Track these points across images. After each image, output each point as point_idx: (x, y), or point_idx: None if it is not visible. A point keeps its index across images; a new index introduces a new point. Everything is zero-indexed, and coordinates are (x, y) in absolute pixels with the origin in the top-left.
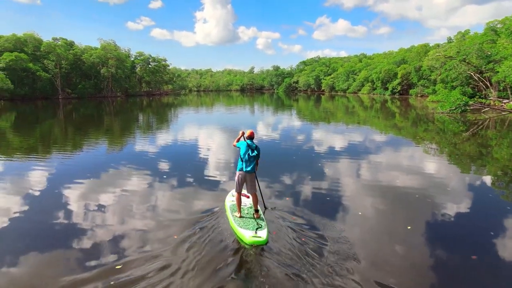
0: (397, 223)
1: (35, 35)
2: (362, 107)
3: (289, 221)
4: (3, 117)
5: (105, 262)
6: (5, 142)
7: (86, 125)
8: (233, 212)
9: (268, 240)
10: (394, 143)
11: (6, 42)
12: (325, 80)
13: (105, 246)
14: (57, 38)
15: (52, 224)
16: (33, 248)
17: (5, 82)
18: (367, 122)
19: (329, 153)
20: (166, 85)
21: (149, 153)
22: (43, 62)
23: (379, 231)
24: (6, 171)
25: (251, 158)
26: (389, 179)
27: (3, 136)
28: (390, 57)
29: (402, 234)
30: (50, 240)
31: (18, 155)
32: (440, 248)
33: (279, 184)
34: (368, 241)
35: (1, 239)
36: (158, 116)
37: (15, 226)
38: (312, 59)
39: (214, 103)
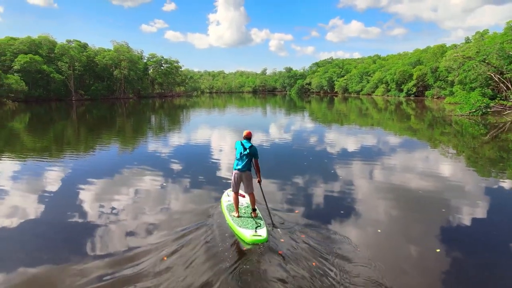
0: (423, 242)
1: (49, 37)
2: (376, 109)
3: (298, 240)
4: (17, 118)
5: (110, 253)
6: (20, 143)
7: (99, 126)
8: (231, 212)
9: (268, 238)
10: (409, 146)
11: (21, 45)
12: (338, 82)
13: (111, 239)
14: (71, 40)
15: (66, 221)
16: (49, 243)
17: (20, 84)
18: (381, 124)
19: (342, 157)
20: (179, 86)
21: (160, 154)
22: (57, 64)
23: (402, 255)
24: (21, 171)
25: (243, 157)
26: (405, 185)
27: (17, 137)
28: (405, 58)
29: (430, 258)
30: (64, 236)
31: (33, 156)
32: (467, 259)
33: (288, 191)
34: (386, 262)
35: (18, 236)
36: (170, 117)
37: (31, 224)
38: (325, 61)
39: (226, 105)
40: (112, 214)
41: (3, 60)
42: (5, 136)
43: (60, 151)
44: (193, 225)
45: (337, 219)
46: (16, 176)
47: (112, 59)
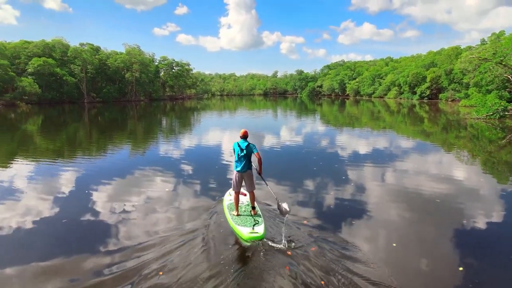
0: (444, 259)
1: (63, 40)
2: (389, 112)
3: (307, 253)
4: (31, 120)
5: (118, 248)
6: (34, 145)
7: (111, 128)
8: (231, 211)
9: (264, 235)
10: (423, 150)
11: (35, 48)
12: (349, 84)
13: (119, 235)
14: (84, 43)
15: (79, 222)
16: (61, 241)
17: (33, 87)
18: (394, 127)
19: (353, 162)
20: (189, 89)
21: (170, 156)
22: (70, 67)
23: (421, 273)
24: (35, 172)
25: (241, 158)
26: (422, 193)
27: (31, 139)
28: (419, 60)
29: (453, 278)
30: (77, 236)
31: (46, 158)
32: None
33: (297, 199)
34: (403, 282)
35: (34, 235)
36: (181, 120)
37: (45, 222)
38: (337, 63)
39: (237, 107)
40: (121, 213)
41: (18, 63)
42: (19, 138)
43: (73, 153)
44: (195, 223)
45: (349, 230)
46: (30, 177)
47: (124, 62)
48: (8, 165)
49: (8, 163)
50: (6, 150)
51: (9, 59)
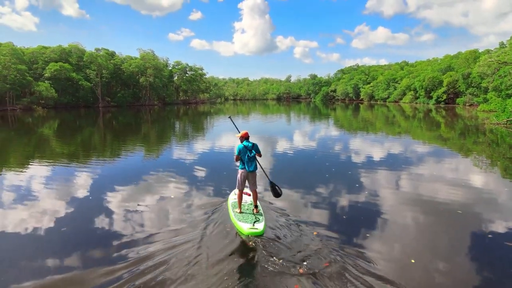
0: (463, 276)
1: (79, 46)
2: (404, 117)
3: (319, 269)
4: (47, 124)
5: (131, 243)
6: (49, 148)
7: (125, 132)
8: (234, 208)
9: (264, 232)
10: (440, 156)
11: (52, 53)
12: (364, 89)
13: (132, 232)
14: (99, 48)
15: (91, 225)
16: (76, 242)
17: (50, 91)
18: (410, 132)
19: (367, 169)
20: (203, 93)
21: (182, 159)
22: (85, 72)
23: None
24: (51, 176)
25: (251, 159)
26: (441, 204)
27: (47, 142)
28: (435, 64)
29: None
30: (88, 238)
31: (62, 161)
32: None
33: (309, 205)
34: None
35: (49, 234)
36: (195, 124)
37: (60, 224)
38: (351, 67)
39: (250, 112)
40: (133, 212)
41: (35, 68)
42: (36, 141)
43: (88, 156)
44: (200, 220)
45: (364, 244)
46: (46, 180)
47: (138, 66)
48: (26, 168)
49: (26, 165)
50: (24, 153)
51: (27, 64)
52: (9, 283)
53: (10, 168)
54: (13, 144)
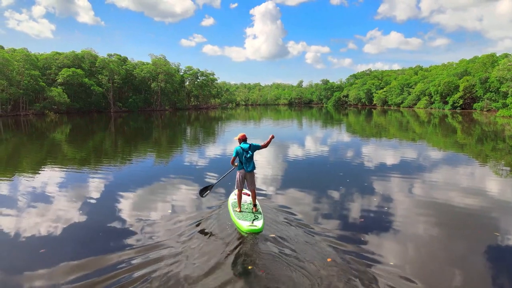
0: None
1: (91, 51)
2: (418, 122)
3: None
4: (59, 129)
5: (140, 242)
6: (61, 153)
7: (136, 137)
8: (234, 207)
9: (263, 229)
10: (457, 163)
11: (65, 59)
12: (377, 94)
13: (141, 231)
14: (111, 54)
15: (103, 227)
16: (88, 242)
17: (62, 96)
18: (424, 138)
19: (381, 175)
20: (214, 99)
21: (192, 164)
22: (98, 77)
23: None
24: (63, 180)
25: (248, 159)
26: (458, 207)
27: (59, 147)
28: (450, 69)
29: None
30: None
31: (74, 165)
32: None
33: (321, 215)
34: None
35: (62, 235)
36: (205, 129)
37: (73, 225)
38: (363, 72)
39: (262, 117)
40: (142, 212)
41: (48, 73)
42: (47, 146)
43: (98, 161)
44: (203, 219)
45: (371, 246)
46: (59, 184)
47: (150, 72)
48: (38, 172)
49: (38, 170)
50: (36, 158)
51: (41, 70)
52: (22, 283)
53: (23, 173)
54: (25, 148)
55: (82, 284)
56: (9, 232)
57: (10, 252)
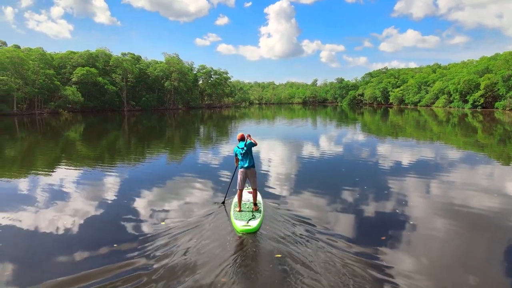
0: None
1: (106, 50)
2: (436, 122)
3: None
4: (73, 128)
5: (151, 236)
6: (75, 152)
7: (149, 136)
8: (235, 207)
9: (258, 229)
10: (477, 163)
11: (79, 58)
12: (393, 93)
13: (151, 228)
14: (125, 53)
15: (113, 222)
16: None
17: (76, 95)
18: (442, 138)
19: (397, 176)
20: (227, 97)
21: (203, 162)
22: (111, 76)
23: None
24: (79, 178)
25: (244, 155)
26: (478, 208)
27: (73, 145)
28: (471, 67)
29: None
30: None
31: (89, 164)
32: None
33: (333, 217)
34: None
35: (77, 230)
36: (219, 128)
37: (91, 221)
38: (379, 71)
39: (276, 116)
40: (153, 208)
41: (63, 72)
42: (62, 144)
43: (113, 160)
44: (204, 217)
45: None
46: (70, 182)
47: (163, 70)
48: (54, 170)
49: (53, 168)
50: (51, 156)
51: (56, 69)
52: (43, 275)
53: (39, 171)
54: (40, 147)
55: (95, 270)
56: (29, 227)
57: (30, 245)
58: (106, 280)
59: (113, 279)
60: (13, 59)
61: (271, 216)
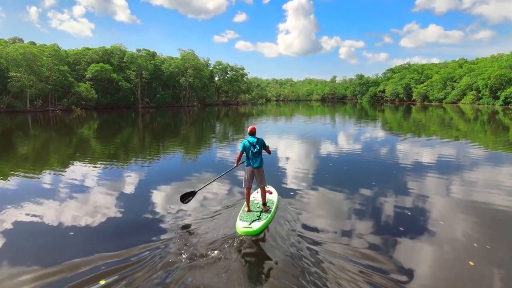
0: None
1: (121, 47)
2: (463, 120)
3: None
4: (86, 125)
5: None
6: (91, 149)
7: (164, 134)
8: (244, 207)
9: (260, 231)
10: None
11: (94, 54)
12: (416, 89)
13: (162, 225)
14: (140, 49)
15: (124, 219)
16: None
17: (90, 92)
18: (469, 137)
19: (416, 172)
20: (244, 94)
21: (219, 160)
22: (126, 72)
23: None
24: (94, 175)
25: (255, 154)
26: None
27: (87, 143)
28: (502, 61)
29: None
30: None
31: (103, 161)
32: None
33: (345, 220)
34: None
35: (100, 228)
36: (235, 126)
37: (111, 218)
38: (402, 66)
39: (293, 113)
40: (162, 206)
41: (78, 69)
42: (75, 142)
43: (127, 157)
44: (208, 218)
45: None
46: (87, 179)
47: (178, 67)
48: (67, 168)
49: (67, 166)
50: (65, 154)
51: (71, 66)
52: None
53: (52, 169)
54: (53, 144)
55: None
56: (46, 223)
57: (44, 241)
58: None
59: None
60: (26, 55)
61: (283, 217)
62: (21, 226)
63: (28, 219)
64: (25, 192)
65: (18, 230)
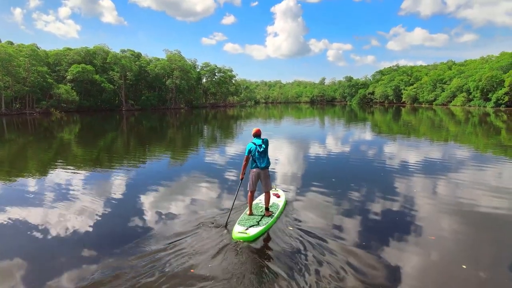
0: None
1: (104, 47)
2: (454, 121)
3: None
4: (67, 129)
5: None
6: (71, 154)
7: (149, 138)
8: (247, 210)
9: (255, 238)
10: (503, 167)
11: (75, 55)
12: (406, 91)
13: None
14: (125, 50)
15: (123, 226)
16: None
17: (70, 94)
18: (459, 139)
19: (418, 174)
20: (232, 96)
21: (211, 164)
22: (109, 74)
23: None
24: (80, 180)
25: (262, 154)
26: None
27: (67, 147)
28: (492, 62)
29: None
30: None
31: (82, 166)
32: None
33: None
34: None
35: (93, 233)
36: (222, 129)
37: (102, 222)
38: (390, 68)
39: (282, 116)
40: (155, 211)
41: (58, 70)
42: (56, 146)
43: (110, 163)
44: (207, 220)
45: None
46: (67, 185)
47: (164, 68)
48: (45, 174)
49: (45, 172)
50: (44, 159)
51: (51, 66)
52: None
53: (30, 174)
54: (31, 149)
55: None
56: (21, 231)
57: (25, 248)
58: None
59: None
60: (0, 55)
61: (280, 220)
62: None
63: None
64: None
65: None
